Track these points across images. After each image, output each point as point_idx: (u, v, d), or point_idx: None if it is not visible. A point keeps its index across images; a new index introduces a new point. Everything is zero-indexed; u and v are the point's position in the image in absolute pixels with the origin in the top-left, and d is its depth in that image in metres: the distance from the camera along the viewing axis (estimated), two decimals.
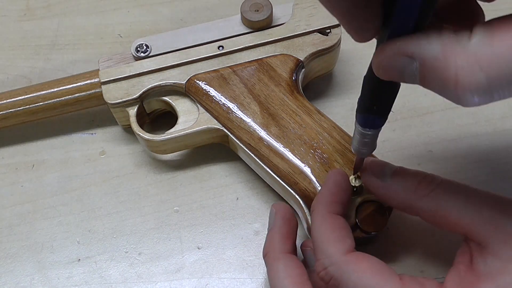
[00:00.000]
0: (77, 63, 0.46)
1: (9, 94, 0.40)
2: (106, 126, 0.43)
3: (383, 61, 0.23)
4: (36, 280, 0.37)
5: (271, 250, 0.32)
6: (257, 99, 0.37)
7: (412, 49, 0.21)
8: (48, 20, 0.49)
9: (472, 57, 0.20)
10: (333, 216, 0.30)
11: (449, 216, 0.28)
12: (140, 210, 0.40)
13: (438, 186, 0.29)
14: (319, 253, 0.29)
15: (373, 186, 0.31)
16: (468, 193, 0.28)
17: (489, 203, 0.27)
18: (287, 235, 0.32)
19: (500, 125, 0.42)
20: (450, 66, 0.20)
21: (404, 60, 0.22)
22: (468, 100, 0.21)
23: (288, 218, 0.33)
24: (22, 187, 0.41)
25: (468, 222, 0.27)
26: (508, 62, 0.19)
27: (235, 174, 0.41)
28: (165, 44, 0.39)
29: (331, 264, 0.28)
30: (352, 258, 0.28)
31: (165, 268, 0.37)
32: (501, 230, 0.26)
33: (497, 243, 0.26)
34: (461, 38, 0.20)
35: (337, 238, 0.29)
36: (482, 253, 0.27)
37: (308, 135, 0.36)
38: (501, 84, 0.20)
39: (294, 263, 0.31)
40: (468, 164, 0.40)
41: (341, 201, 0.31)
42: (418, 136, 0.41)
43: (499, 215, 0.26)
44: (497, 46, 0.19)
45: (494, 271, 0.26)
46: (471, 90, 0.20)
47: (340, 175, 0.31)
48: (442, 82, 0.21)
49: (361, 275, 0.27)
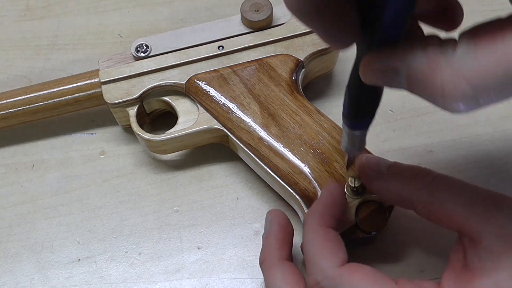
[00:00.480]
0: (77, 63, 0.46)
1: (9, 94, 0.40)
2: (106, 126, 0.43)
3: (369, 73, 0.23)
4: (36, 280, 0.37)
5: (268, 257, 0.32)
6: (257, 99, 0.37)
7: (398, 63, 0.22)
8: (48, 20, 0.49)
9: (458, 71, 0.20)
10: (325, 229, 0.30)
11: (443, 210, 0.28)
12: (140, 210, 0.40)
13: (434, 180, 0.29)
14: (311, 267, 0.29)
15: (369, 180, 0.32)
16: (463, 188, 0.28)
17: (483, 197, 0.27)
18: (283, 241, 0.32)
19: (500, 125, 0.42)
20: (436, 79, 0.21)
21: (391, 72, 0.22)
22: (455, 108, 0.21)
23: (284, 225, 0.33)
24: (22, 187, 0.41)
25: (461, 215, 0.27)
26: (493, 73, 0.19)
27: (235, 174, 0.41)
28: (165, 44, 0.39)
29: (324, 278, 0.28)
30: (345, 270, 0.28)
31: (165, 268, 0.37)
32: (494, 224, 0.26)
33: (490, 237, 0.26)
34: (446, 50, 0.20)
35: (330, 251, 0.29)
36: (475, 248, 0.27)
37: (308, 135, 0.36)
38: (488, 93, 0.20)
39: (292, 270, 0.31)
40: (468, 164, 0.40)
41: (334, 215, 0.31)
42: (418, 136, 0.41)
43: (493, 209, 0.27)
44: (482, 58, 0.20)
45: (489, 267, 0.26)
46: (458, 100, 0.20)
47: (336, 189, 0.31)
48: (428, 92, 0.21)
49: (356, 286, 0.27)
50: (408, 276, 0.31)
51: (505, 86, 0.20)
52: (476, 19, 0.22)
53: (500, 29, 0.19)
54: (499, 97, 0.20)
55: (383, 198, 0.33)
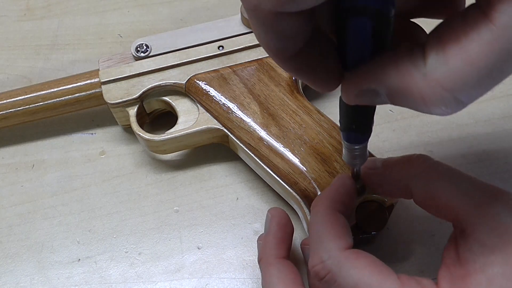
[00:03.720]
0: (77, 63, 0.46)
1: (9, 94, 0.40)
2: (106, 126, 0.43)
3: (351, 97, 0.24)
4: (36, 280, 0.37)
5: (265, 256, 0.32)
6: (257, 99, 0.37)
7: (375, 84, 0.22)
8: (48, 20, 0.49)
9: (432, 81, 0.20)
10: (335, 213, 0.30)
11: (439, 198, 0.27)
12: (140, 210, 0.40)
13: (430, 166, 0.29)
14: (317, 246, 0.29)
15: (367, 178, 0.31)
16: (461, 177, 0.28)
17: (480, 189, 0.27)
18: (282, 240, 0.32)
19: (500, 125, 0.42)
20: (414, 92, 0.21)
21: (371, 94, 0.23)
22: (441, 112, 0.21)
23: (284, 224, 0.33)
24: (22, 187, 0.41)
25: (457, 205, 0.27)
26: (466, 75, 0.20)
27: (235, 174, 0.41)
28: (165, 44, 0.39)
29: (329, 258, 0.28)
30: (352, 254, 0.28)
31: (165, 268, 0.37)
32: (488, 216, 0.26)
33: (483, 229, 0.25)
34: (417, 62, 0.21)
35: (337, 234, 0.29)
36: (467, 241, 0.26)
37: (308, 135, 0.36)
38: (467, 92, 0.20)
39: (288, 269, 0.31)
40: (468, 164, 0.40)
41: (344, 202, 0.30)
42: (418, 136, 0.41)
43: (488, 201, 0.26)
44: (452, 62, 0.20)
45: (481, 261, 0.25)
46: (440, 106, 0.21)
47: (348, 180, 0.31)
48: (411, 104, 0.22)
49: (360, 271, 0.27)
50: None
51: (482, 82, 0.20)
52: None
53: (463, 30, 0.20)
54: (481, 92, 0.21)
55: (384, 193, 0.33)
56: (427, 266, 0.36)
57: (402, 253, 0.37)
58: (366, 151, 0.29)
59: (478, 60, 0.19)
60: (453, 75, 0.20)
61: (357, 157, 0.29)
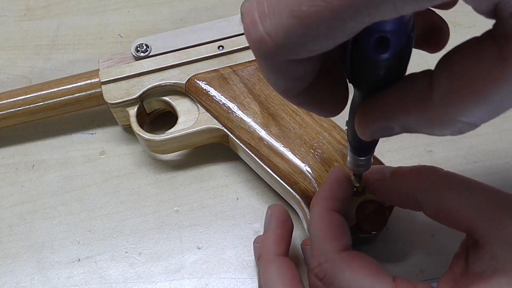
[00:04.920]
0: (77, 63, 0.46)
1: (9, 94, 0.40)
2: (106, 126, 0.43)
3: (367, 134, 0.24)
4: (36, 280, 0.37)
5: (264, 252, 0.32)
6: (257, 99, 0.37)
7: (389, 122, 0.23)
8: (48, 20, 0.49)
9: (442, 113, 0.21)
10: (331, 213, 0.30)
11: (451, 210, 0.27)
12: (140, 210, 0.40)
13: (440, 178, 0.28)
14: (315, 249, 0.29)
15: (375, 188, 0.31)
16: (473, 187, 0.27)
17: (493, 199, 0.27)
18: (281, 237, 0.32)
19: (500, 125, 0.42)
20: (426, 125, 0.22)
21: (386, 130, 0.23)
22: (458, 133, 0.22)
23: (283, 221, 0.33)
24: (22, 187, 0.41)
25: (470, 217, 0.26)
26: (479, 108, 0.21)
27: (235, 174, 0.41)
28: (165, 44, 0.39)
29: (326, 261, 0.28)
30: (347, 256, 0.28)
31: (165, 268, 0.37)
32: (502, 229, 0.25)
33: (496, 242, 0.25)
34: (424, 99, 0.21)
35: (333, 235, 0.29)
36: (478, 253, 0.26)
37: (308, 135, 0.36)
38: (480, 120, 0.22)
39: (287, 266, 0.31)
40: (468, 164, 0.40)
41: (340, 198, 0.30)
42: (418, 136, 0.41)
43: (502, 213, 0.26)
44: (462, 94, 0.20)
45: (489, 272, 0.25)
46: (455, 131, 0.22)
47: (342, 172, 0.31)
48: (425, 132, 0.23)
49: (354, 273, 0.27)
50: (408, 276, 0.31)
51: (494, 114, 0.21)
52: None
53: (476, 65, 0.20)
54: (495, 116, 0.22)
55: (393, 204, 0.33)
56: (427, 266, 0.36)
57: (402, 253, 0.37)
58: (371, 160, 0.29)
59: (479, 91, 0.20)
60: (464, 109, 0.20)
61: (362, 166, 0.29)
